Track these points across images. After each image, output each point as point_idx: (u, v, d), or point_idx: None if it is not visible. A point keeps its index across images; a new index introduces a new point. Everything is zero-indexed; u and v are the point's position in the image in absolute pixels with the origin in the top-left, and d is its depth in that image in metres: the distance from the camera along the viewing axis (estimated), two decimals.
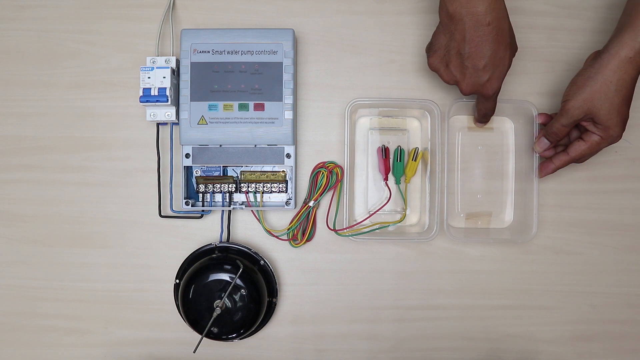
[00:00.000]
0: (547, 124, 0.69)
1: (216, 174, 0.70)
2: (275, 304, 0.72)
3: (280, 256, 0.73)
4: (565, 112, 0.64)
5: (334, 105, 0.73)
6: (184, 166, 0.69)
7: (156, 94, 0.68)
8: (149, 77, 0.68)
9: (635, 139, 0.74)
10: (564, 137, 0.67)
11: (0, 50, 0.73)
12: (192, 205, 0.70)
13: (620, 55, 0.60)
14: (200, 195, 0.70)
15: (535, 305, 0.73)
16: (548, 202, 0.73)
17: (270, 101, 0.68)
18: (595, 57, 0.63)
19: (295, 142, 0.70)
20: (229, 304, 0.67)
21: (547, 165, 0.69)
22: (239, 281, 0.67)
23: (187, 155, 0.69)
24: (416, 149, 0.72)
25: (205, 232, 0.73)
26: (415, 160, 0.71)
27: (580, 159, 0.67)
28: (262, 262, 0.71)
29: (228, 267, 0.67)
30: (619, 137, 0.64)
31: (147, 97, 0.68)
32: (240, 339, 0.71)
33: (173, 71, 0.69)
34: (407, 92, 0.73)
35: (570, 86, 0.64)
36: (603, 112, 0.62)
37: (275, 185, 0.70)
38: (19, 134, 0.73)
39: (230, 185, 0.70)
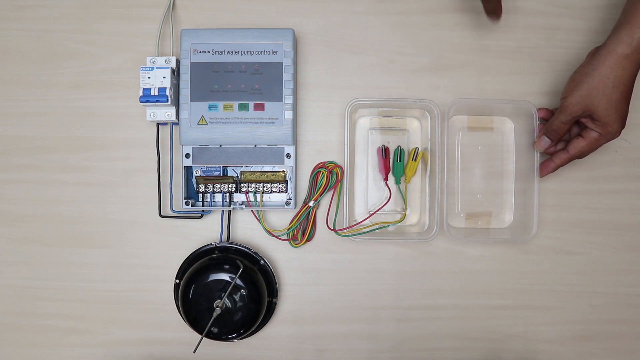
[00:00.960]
0: (547, 118, 0.70)
1: (216, 174, 0.70)
2: (275, 304, 0.72)
3: (280, 256, 0.73)
4: (564, 109, 0.64)
5: (334, 105, 0.73)
6: (184, 166, 0.69)
7: (156, 94, 0.68)
8: (149, 77, 0.68)
9: (635, 139, 0.74)
10: (565, 134, 0.67)
11: (0, 50, 0.73)
12: (192, 205, 0.70)
13: (617, 52, 0.61)
14: (200, 195, 0.70)
15: (535, 305, 0.73)
16: (548, 202, 0.73)
17: (270, 101, 0.68)
18: (594, 54, 0.63)
19: (295, 142, 0.70)
20: (229, 304, 0.67)
21: (547, 164, 0.69)
22: (239, 281, 0.67)
23: (187, 155, 0.69)
24: (416, 149, 0.72)
25: (205, 232, 0.73)
26: (415, 160, 0.71)
27: (581, 156, 0.67)
28: (262, 262, 0.71)
29: (228, 267, 0.67)
30: (617, 133, 0.64)
31: (147, 97, 0.68)
32: (240, 339, 0.71)
33: (173, 71, 0.69)
34: (407, 92, 0.73)
35: (569, 83, 0.64)
36: (601, 108, 0.63)
37: (275, 185, 0.70)
38: (19, 134, 0.73)
39: (230, 185, 0.70)
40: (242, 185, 0.70)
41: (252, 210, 0.72)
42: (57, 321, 0.73)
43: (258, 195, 0.70)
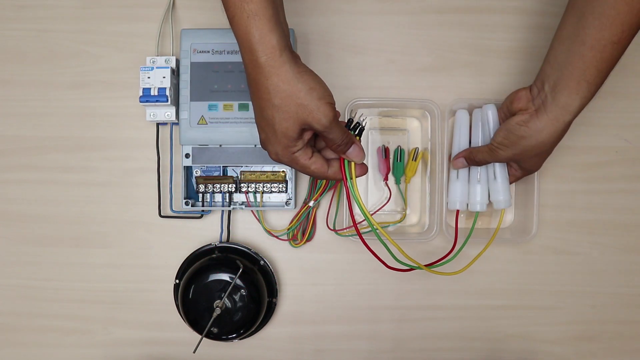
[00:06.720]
0: (467, 157, 0.68)
1: (216, 174, 0.70)
2: (275, 304, 0.72)
3: (280, 256, 0.73)
4: (495, 156, 0.65)
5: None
6: (184, 166, 0.69)
7: (156, 94, 0.68)
8: (148, 77, 0.68)
9: (635, 139, 0.74)
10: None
11: (0, 50, 0.73)
12: (192, 205, 0.70)
13: (559, 121, 0.59)
14: (200, 195, 0.70)
15: (535, 305, 0.73)
16: (548, 202, 0.73)
17: None
18: (532, 117, 0.61)
19: None
20: (228, 304, 0.67)
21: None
22: (238, 281, 0.67)
23: (187, 155, 0.69)
24: (416, 149, 0.72)
25: (205, 232, 0.73)
26: (415, 160, 0.71)
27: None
28: (262, 262, 0.71)
29: (228, 267, 0.67)
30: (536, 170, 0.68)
31: (147, 97, 0.68)
32: (240, 339, 0.71)
33: (173, 71, 0.69)
34: (407, 92, 0.73)
35: (503, 136, 0.63)
36: (532, 162, 0.65)
37: (275, 185, 0.70)
38: (19, 134, 0.73)
39: (230, 185, 0.70)
40: (242, 185, 0.70)
41: (252, 210, 0.72)
42: (57, 321, 0.73)
43: (258, 195, 0.70)
